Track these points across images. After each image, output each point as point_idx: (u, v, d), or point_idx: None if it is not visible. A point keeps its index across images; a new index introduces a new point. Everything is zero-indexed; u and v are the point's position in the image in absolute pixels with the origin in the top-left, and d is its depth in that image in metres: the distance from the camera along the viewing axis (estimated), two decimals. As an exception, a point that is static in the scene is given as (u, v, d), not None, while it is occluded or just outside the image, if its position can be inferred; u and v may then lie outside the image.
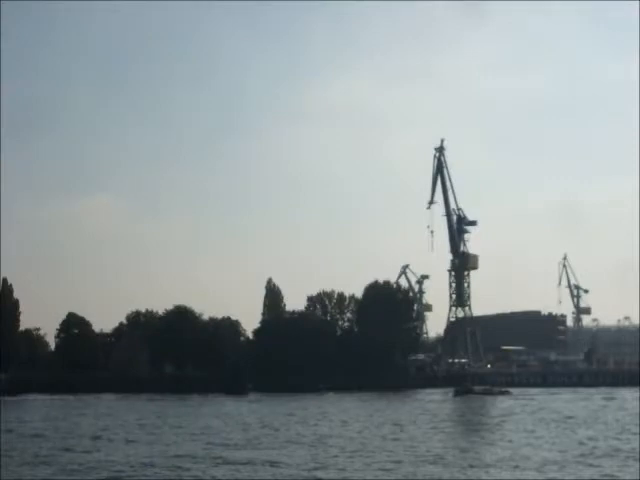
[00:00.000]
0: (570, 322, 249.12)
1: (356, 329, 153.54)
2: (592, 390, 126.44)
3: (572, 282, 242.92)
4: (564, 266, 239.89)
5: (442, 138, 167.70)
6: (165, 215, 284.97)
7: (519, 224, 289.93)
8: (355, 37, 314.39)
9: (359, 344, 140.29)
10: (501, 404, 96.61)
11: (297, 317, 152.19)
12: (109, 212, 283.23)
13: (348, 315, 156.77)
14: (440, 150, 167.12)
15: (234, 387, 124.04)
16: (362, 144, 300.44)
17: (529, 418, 72.98)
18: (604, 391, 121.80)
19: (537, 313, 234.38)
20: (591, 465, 41.17)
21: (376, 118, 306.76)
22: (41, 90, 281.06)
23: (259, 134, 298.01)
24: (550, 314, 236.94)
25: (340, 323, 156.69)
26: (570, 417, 72.78)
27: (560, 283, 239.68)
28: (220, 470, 40.37)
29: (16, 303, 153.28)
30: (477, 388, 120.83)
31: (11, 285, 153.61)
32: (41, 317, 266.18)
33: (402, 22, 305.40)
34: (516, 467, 40.17)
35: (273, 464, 41.88)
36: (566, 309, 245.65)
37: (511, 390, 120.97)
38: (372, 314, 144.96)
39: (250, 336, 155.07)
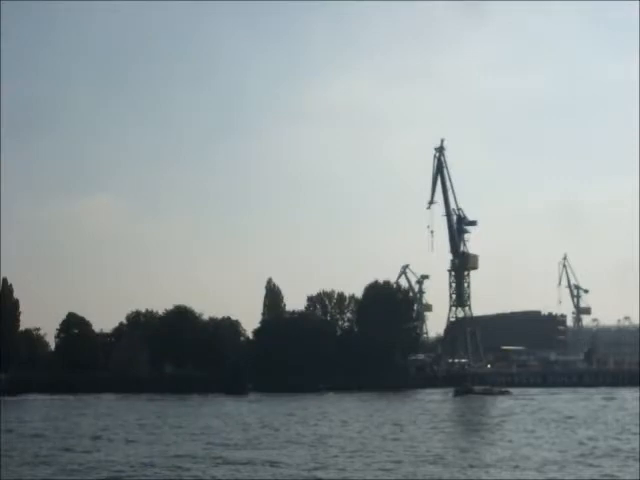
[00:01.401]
0: (570, 322, 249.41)
1: (356, 329, 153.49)
2: (592, 390, 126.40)
3: (572, 282, 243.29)
4: (564, 266, 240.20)
5: (442, 138, 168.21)
6: (165, 215, 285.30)
7: (519, 224, 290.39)
8: (355, 37, 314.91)
9: (359, 344, 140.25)
10: (501, 404, 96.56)
11: (297, 317, 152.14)
12: (109, 212, 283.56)
13: (348, 315, 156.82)
14: (440, 150, 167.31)
15: (234, 387, 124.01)
16: (362, 144, 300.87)
17: (529, 418, 72.95)
18: (604, 391, 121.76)
19: (537, 313, 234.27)
20: (591, 465, 41.16)
21: (376, 118, 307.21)
22: (41, 90, 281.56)
23: (259, 134, 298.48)
24: (550, 314, 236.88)
25: (340, 323, 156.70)
26: (570, 417, 72.76)
27: (560, 283, 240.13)
28: (220, 470, 40.36)
29: (16, 303, 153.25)
30: (477, 388, 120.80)
31: (11, 285, 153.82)
32: (41, 317, 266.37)
33: (402, 22, 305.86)
34: (516, 467, 40.16)
35: (273, 464, 41.88)
36: (566, 309, 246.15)
37: (511, 390, 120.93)
38: (372, 314, 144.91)
39: (250, 336, 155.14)
